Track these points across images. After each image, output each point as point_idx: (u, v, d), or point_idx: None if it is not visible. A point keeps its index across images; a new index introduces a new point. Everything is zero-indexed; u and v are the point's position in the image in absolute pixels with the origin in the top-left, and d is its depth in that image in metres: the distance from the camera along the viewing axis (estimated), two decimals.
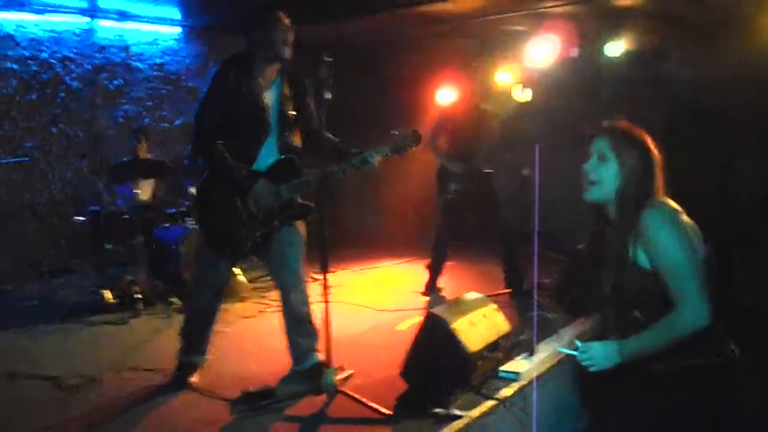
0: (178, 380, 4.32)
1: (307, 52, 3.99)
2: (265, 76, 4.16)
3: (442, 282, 6.81)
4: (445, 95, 7.07)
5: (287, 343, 4.43)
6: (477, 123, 6.62)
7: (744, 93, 6.88)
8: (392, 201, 9.58)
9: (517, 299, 6.35)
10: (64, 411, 3.98)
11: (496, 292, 6.28)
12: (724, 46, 7.15)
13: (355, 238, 9.73)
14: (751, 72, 6.99)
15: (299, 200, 4.24)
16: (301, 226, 4.36)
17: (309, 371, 4.32)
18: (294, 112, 4.24)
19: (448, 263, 6.89)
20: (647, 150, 2.72)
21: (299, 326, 4.36)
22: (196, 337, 4.41)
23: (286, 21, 4.07)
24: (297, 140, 4.31)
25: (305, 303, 4.37)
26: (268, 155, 4.18)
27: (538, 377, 4.35)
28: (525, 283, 6.59)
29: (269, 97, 4.16)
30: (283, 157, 4.20)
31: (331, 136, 4.30)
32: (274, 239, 4.22)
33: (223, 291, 4.50)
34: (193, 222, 6.70)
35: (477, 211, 6.67)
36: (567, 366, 4.73)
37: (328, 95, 3.77)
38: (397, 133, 4.11)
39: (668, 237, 2.57)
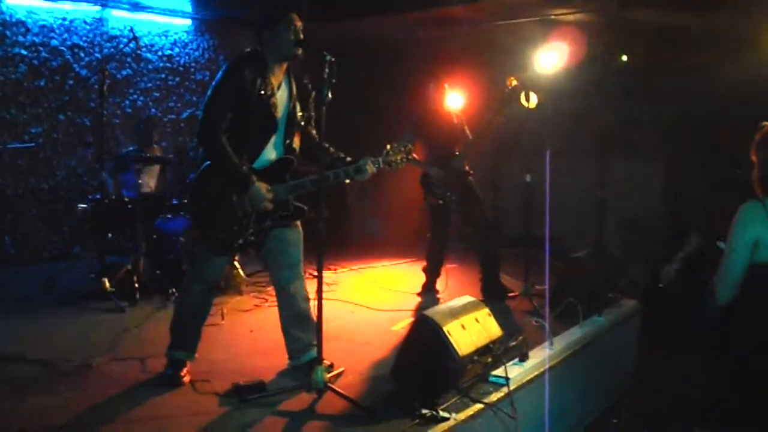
0: (168, 377, 4.28)
1: (311, 51, 4.01)
2: (276, 75, 4.17)
3: (440, 284, 6.84)
4: (453, 99, 7.07)
5: (285, 338, 4.43)
6: (452, 128, 6.66)
7: (750, 107, 6.88)
8: (393, 203, 9.60)
9: (510, 304, 6.37)
10: (55, 395, 4.01)
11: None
12: (732, 60, 7.15)
13: (356, 240, 9.78)
14: (758, 86, 7.00)
15: (294, 202, 4.23)
16: (299, 225, 4.38)
17: (307, 365, 4.30)
18: (301, 113, 4.27)
19: (449, 266, 6.93)
20: None
21: (300, 322, 4.36)
22: (184, 333, 4.39)
23: (298, 23, 4.07)
24: (297, 142, 4.32)
25: (306, 299, 4.38)
26: (269, 154, 4.20)
27: (529, 383, 4.38)
28: (504, 292, 6.62)
29: (280, 98, 4.17)
30: (283, 157, 4.22)
31: (322, 142, 4.29)
32: (267, 238, 4.22)
33: (216, 288, 4.49)
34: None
35: (462, 212, 6.69)
36: (559, 372, 4.76)
37: (328, 95, 3.80)
38: (392, 146, 4.18)
39: None
